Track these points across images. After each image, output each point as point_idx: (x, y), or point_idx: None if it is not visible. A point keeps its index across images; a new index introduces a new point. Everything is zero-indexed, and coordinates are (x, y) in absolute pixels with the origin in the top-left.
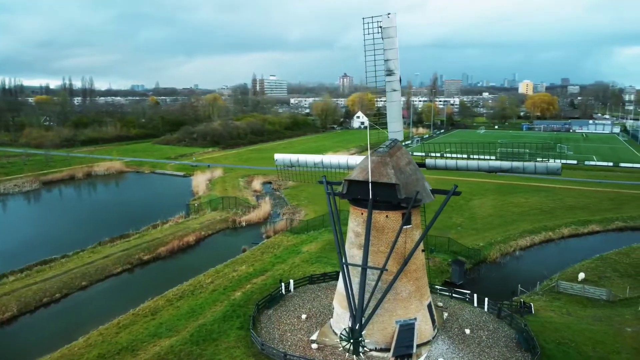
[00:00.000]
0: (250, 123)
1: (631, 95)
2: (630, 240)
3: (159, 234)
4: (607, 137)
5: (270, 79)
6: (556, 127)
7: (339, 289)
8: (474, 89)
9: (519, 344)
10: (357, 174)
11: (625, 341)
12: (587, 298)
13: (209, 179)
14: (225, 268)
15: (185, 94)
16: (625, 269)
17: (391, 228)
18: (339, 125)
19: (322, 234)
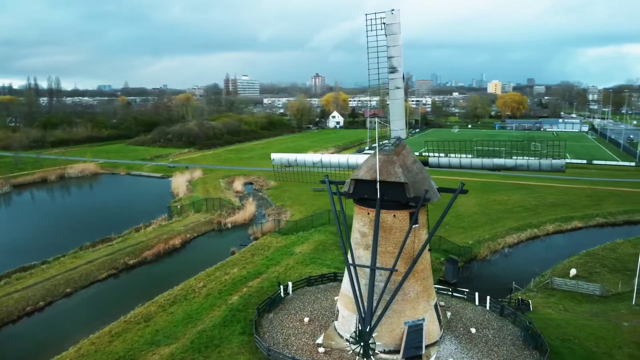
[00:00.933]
0: (226, 123)
1: (594, 95)
2: (612, 235)
3: (143, 237)
4: (577, 136)
5: (243, 78)
6: (527, 126)
7: (344, 290)
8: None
9: (526, 342)
10: (364, 173)
11: (624, 336)
12: (581, 294)
13: (189, 180)
14: (216, 271)
15: (156, 94)
16: (613, 264)
17: (399, 228)
18: (314, 125)
19: (312, 234)
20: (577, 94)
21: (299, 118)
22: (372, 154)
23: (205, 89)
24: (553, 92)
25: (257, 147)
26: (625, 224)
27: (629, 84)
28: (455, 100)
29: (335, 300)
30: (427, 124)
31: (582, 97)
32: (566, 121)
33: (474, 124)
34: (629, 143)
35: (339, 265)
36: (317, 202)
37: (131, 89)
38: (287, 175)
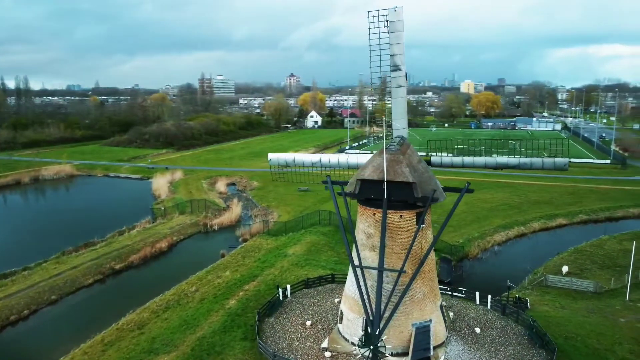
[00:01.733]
0: (204, 123)
1: (563, 94)
2: (596, 232)
3: (128, 241)
4: (551, 135)
5: (217, 78)
6: (502, 125)
7: (348, 293)
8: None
9: (532, 341)
10: (371, 173)
11: (623, 332)
12: (575, 290)
13: (170, 182)
14: (207, 275)
15: (128, 94)
16: (602, 261)
17: (405, 228)
18: (292, 125)
19: (303, 235)
20: (547, 94)
21: (277, 118)
22: (376, 153)
23: (179, 88)
24: (525, 92)
25: (236, 148)
26: (606, 221)
27: (596, 84)
28: (430, 100)
29: (335, 303)
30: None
31: (552, 97)
32: (540, 120)
33: (450, 123)
34: (602, 141)
35: (334, 267)
36: (303, 203)
37: (102, 88)
38: (285, 176)
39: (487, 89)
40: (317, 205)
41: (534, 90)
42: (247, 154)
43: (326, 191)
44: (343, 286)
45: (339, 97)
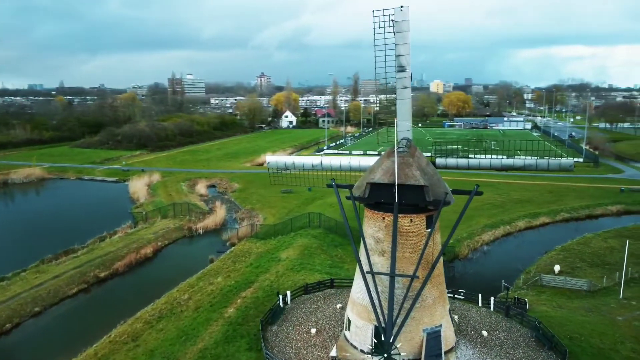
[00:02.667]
0: (178, 124)
1: (529, 94)
2: (580, 230)
3: (111, 247)
4: (522, 133)
5: (187, 77)
6: (475, 124)
7: (356, 299)
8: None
9: (540, 343)
10: (381, 176)
11: (622, 330)
12: (569, 289)
13: (148, 184)
14: (198, 281)
15: (95, 94)
16: (591, 259)
17: (416, 232)
18: (267, 125)
19: (294, 238)
20: (514, 93)
21: (251, 118)
22: (383, 155)
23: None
24: (493, 91)
25: (212, 149)
26: (587, 218)
27: (561, 84)
28: None
29: (338, 309)
30: (379, 123)
31: (519, 97)
32: (510, 119)
33: (423, 123)
34: (572, 140)
35: (329, 271)
36: (287, 204)
37: (67, 88)
38: (285, 179)
39: (455, 88)
40: (302, 206)
41: (502, 90)
42: (224, 155)
43: (310, 192)
44: (342, 291)
45: (311, 97)
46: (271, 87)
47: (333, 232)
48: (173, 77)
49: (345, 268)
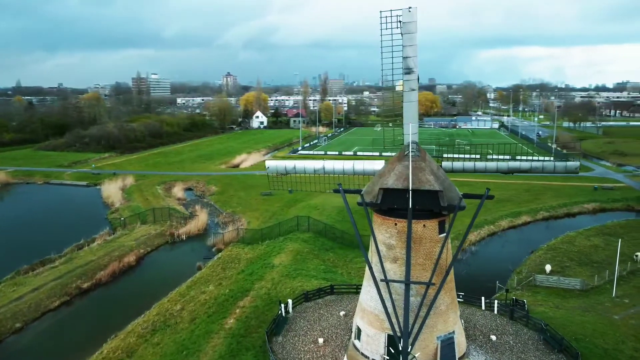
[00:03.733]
0: (147, 125)
1: (491, 93)
2: (561, 228)
3: (91, 256)
4: (490, 133)
5: (152, 77)
6: (444, 124)
7: (367, 308)
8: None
9: (549, 346)
10: (394, 181)
11: (622, 330)
12: (563, 289)
13: (122, 188)
14: (189, 290)
15: (55, 94)
16: (579, 258)
17: (429, 238)
18: (237, 126)
19: (284, 243)
20: (478, 93)
21: (221, 119)
22: (393, 159)
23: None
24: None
25: (184, 150)
26: (565, 217)
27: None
28: (369, 99)
29: (341, 316)
30: (350, 123)
31: (483, 96)
32: (478, 119)
33: (393, 122)
34: (539, 138)
35: (324, 276)
36: (269, 207)
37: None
38: (286, 184)
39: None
40: (284, 209)
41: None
42: (197, 156)
43: (291, 195)
44: (343, 297)
45: (279, 97)
46: (237, 86)
47: (322, 235)
48: (138, 77)
49: (339, 273)
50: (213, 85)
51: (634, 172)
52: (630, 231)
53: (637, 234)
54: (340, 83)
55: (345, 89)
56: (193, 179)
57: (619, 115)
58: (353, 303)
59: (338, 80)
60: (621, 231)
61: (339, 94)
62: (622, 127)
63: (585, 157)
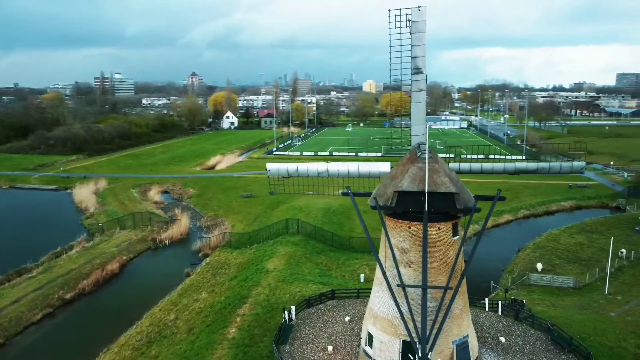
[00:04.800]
0: (115, 126)
1: (455, 93)
2: (543, 226)
3: (72, 264)
4: (460, 132)
5: (116, 77)
6: None
7: (379, 313)
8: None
9: (558, 346)
10: (409, 184)
11: (620, 327)
12: (557, 287)
13: (95, 192)
14: (181, 298)
15: (12, 93)
16: (566, 255)
17: (443, 241)
18: (207, 126)
19: (274, 247)
20: (444, 93)
21: (191, 119)
22: (404, 161)
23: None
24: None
25: (155, 152)
26: (545, 215)
27: (485, 84)
28: (338, 99)
29: (347, 322)
30: (321, 123)
31: (448, 96)
32: (448, 118)
33: (364, 123)
34: (508, 137)
35: (321, 280)
36: (252, 210)
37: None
38: (290, 188)
39: (387, 88)
40: (268, 211)
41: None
42: (170, 158)
43: (272, 196)
44: (345, 302)
45: (247, 97)
46: (203, 86)
47: (312, 238)
48: (102, 76)
49: (334, 276)
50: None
51: (603, 170)
52: (609, 228)
53: (616, 231)
54: (308, 83)
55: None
56: (169, 181)
57: (579, 114)
58: (356, 308)
59: (306, 81)
60: (601, 228)
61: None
62: (585, 126)
63: (554, 156)
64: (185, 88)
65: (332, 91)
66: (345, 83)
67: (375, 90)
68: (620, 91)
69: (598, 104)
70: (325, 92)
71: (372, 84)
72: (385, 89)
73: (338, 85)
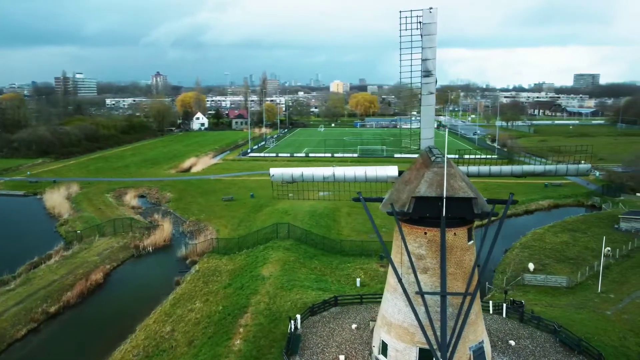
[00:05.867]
0: (82, 128)
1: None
2: (525, 225)
3: (53, 275)
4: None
5: (77, 76)
6: (385, 124)
7: (394, 321)
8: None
9: (567, 347)
10: (427, 189)
11: (618, 325)
12: (550, 287)
13: (67, 197)
14: (175, 308)
15: None
16: (554, 255)
17: (459, 246)
18: (177, 128)
19: (266, 252)
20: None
21: (160, 120)
22: (417, 165)
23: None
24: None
25: (125, 154)
26: (525, 214)
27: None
28: (307, 100)
29: (354, 329)
30: (292, 124)
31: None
32: (418, 118)
33: (335, 123)
34: (478, 138)
35: (319, 286)
36: (235, 214)
37: None
38: (296, 193)
39: (352, 88)
40: (251, 215)
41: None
42: (142, 161)
43: (253, 199)
44: (349, 309)
45: (215, 97)
46: (168, 87)
47: (303, 242)
48: (63, 76)
49: (329, 281)
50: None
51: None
52: (590, 226)
53: (597, 229)
54: (276, 83)
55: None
56: (144, 185)
57: (541, 114)
58: (361, 314)
59: (273, 81)
60: (583, 227)
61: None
62: (549, 125)
63: (525, 155)
64: (149, 88)
65: (299, 91)
66: (311, 83)
67: (342, 90)
68: (578, 91)
69: (559, 104)
70: (293, 92)
71: (340, 84)
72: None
73: (304, 85)
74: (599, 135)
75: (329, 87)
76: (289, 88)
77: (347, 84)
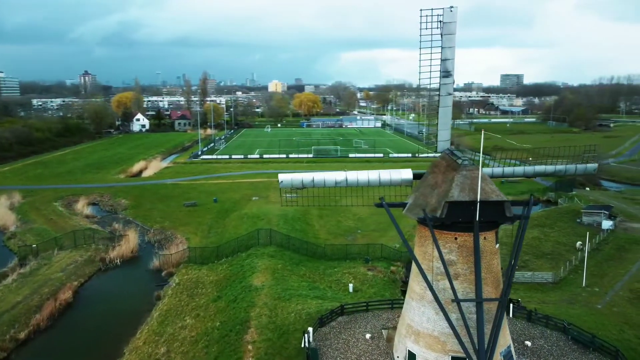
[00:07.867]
0: (14, 131)
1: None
2: None
3: (15, 296)
4: (377, 131)
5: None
6: (331, 124)
7: (423, 330)
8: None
9: (581, 345)
10: (459, 193)
11: (612, 319)
12: (537, 283)
13: (10, 208)
14: (163, 326)
15: None
16: (531, 251)
17: (489, 250)
18: (115, 130)
19: (250, 260)
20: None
21: (97, 122)
22: (441, 168)
23: None
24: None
25: (66, 159)
26: None
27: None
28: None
29: (369, 339)
30: (237, 125)
31: (353, 96)
32: (363, 118)
33: (281, 123)
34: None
35: (315, 294)
36: (201, 220)
37: None
38: (307, 200)
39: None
40: (219, 221)
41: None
42: (85, 166)
43: (216, 204)
44: (356, 317)
45: (151, 98)
46: (97, 86)
47: (286, 248)
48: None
49: (322, 288)
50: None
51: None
52: (555, 221)
53: (562, 224)
54: (213, 83)
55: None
56: (94, 191)
57: (477, 112)
58: (370, 323)
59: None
60: (548, 222)
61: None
62: (487, 123)
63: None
64: (78, 88)
65: (237, 91)
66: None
67: (280, 90)
68: (505, 91)
69: (492, 103)
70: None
71: (278, 84)
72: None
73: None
74: (535, 132)
75: (266, 87)
76: (226, 88)
77: (284, 84)
